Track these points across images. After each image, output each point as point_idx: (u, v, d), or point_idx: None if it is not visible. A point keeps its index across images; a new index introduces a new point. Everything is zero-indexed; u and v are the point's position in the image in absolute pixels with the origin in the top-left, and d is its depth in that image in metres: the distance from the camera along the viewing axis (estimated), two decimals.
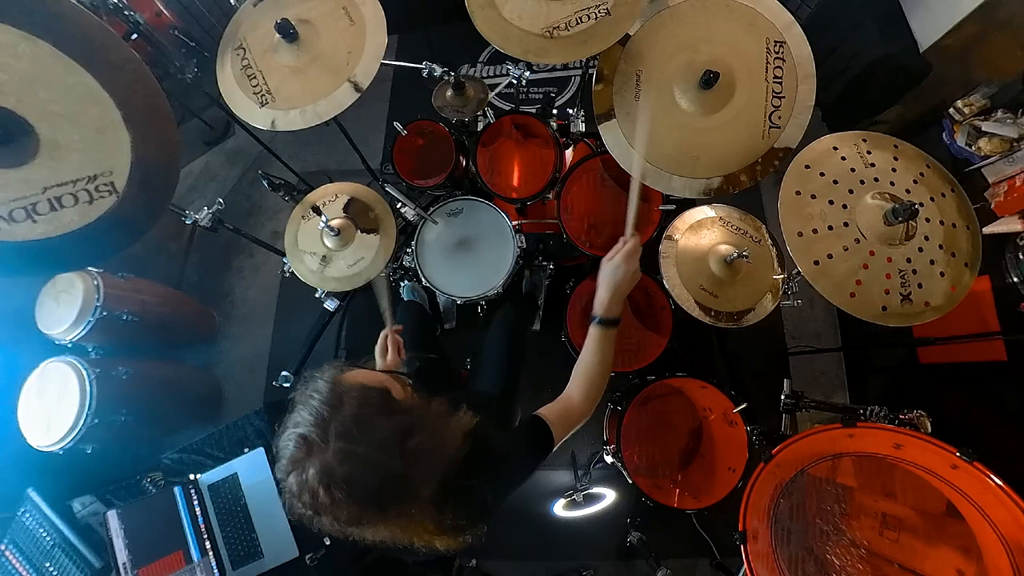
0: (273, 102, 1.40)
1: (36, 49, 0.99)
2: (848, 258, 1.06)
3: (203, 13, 2.47)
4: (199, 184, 2.70)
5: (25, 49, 0.97)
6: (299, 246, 1.65)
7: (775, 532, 1.15)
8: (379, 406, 0.75)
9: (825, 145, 1.15)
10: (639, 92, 1.27)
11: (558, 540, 2.08)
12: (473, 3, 1.26)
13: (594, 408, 1.01)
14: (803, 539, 1.15)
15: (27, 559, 1.55)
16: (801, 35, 1.20)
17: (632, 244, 1.00)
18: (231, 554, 1.55)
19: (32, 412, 1.71)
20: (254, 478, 1.63)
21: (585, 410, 0.99)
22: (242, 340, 2.49)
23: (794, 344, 2.08)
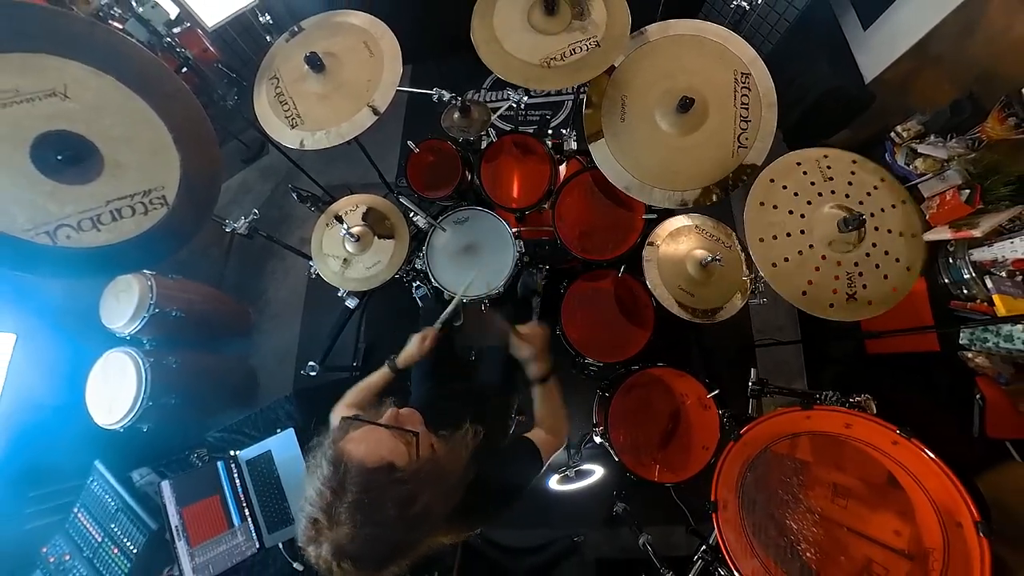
0: (302, 124, 1.43)
1: (101, 82, 1.02)
2: (804, 261, 1.09)
3: (243, 49, 2.51)
4: (237, 197, 2.74)
5: (92, 82, 1.01)
6: (323, 250, 1.69)
7: (742, 502, 1.17)
8: (383, 485, 0.70)
9: (790, 161, 1.18)
10: (624, 114, 1.30)
11: (553, 510, 2.11)
12: (478, 38, 1.29)
13: (567, 435, 1.06)
14: (766, 507, 1.17)
15: (96, 520, 1.60)
16: (764, 68, 1.23)
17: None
18: (267, 520, 1.59)
19: (97, 395, 1.76)
20: (285, 455, 1.66)
21: (559, 441, 1.04)
22: (274, 334, 2.52)
23: (760, 337, 2.11)
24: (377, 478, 0.70)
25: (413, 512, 0.71)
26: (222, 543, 1.54)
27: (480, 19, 1.31)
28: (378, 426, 0.77)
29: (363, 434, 0.76)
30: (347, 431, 0.77)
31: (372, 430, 0.77)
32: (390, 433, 0.77)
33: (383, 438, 0.76)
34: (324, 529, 0.68)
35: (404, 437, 0.77)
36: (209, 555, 1.51)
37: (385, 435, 0.76)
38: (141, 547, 1.55)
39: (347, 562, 0.67)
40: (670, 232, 1.63)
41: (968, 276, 1.52)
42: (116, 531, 1.57)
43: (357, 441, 0.74)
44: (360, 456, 0.71)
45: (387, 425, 0.78)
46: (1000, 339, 1.44)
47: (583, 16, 1.30)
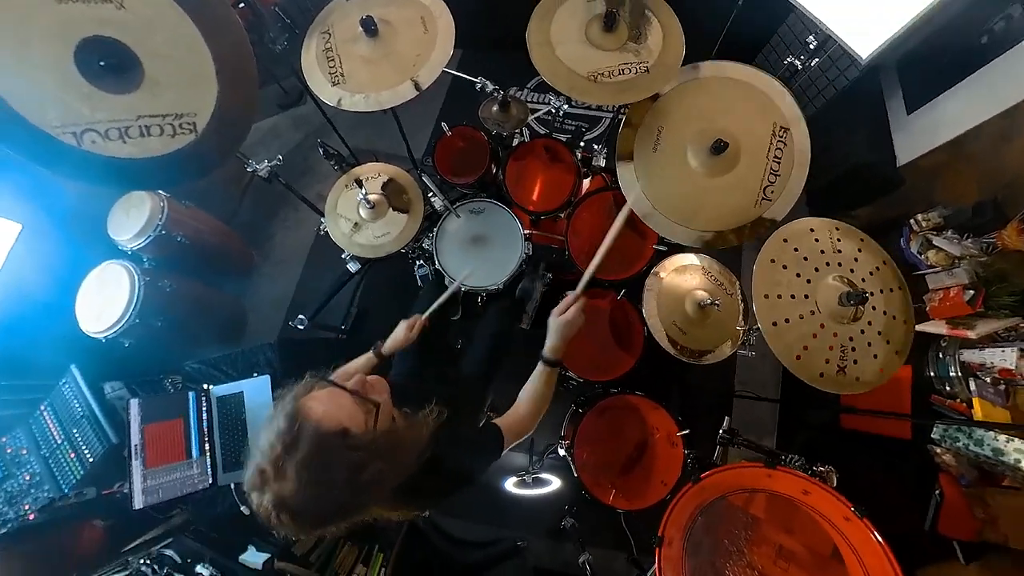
0: (343, 83, 1.43)
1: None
2: (801, 326, 1.09)
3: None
4: (265, 139, 2.73)
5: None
6: (337, 210, 1.69)
7: (688, 543, 1.17)
8: (334, 448, 0.70)
9: (804, 225, 1.17)
10: (658, 145, 1.30)
11: (503, 510, 2.11)
12: (533, 39, 1.28)
13: (536, 425, 1.04)
14: (710, 554, 1.18)
15: (60, 422, 1.59)
16: (804, 129, 1.23)
17: (583, 302, 1.04)
18: (224, 458, 1.59)
19: (88, 301, 1.75)
20: (257, 399, 1.67)
21: (529, 427, 1.03)
22: (272, 280, 2.52)
23: (740, 388, 2.11)
24: (330, 441, 0.70)
25: (360, 479, 0.71)
26: (176, 471, 1.54)
27: (539, 21, 1.31)
28: (343, 390, 0.77)
29: (326, 395, 0.76)
30: (311, 389, 0.78)
31: (336, 393, 0.77)
32: (353, 399, 0.77)
33: (344, 403, 0.76)
34: (270, 480, 0.68)
35: (365, 406, 0.77)
36: (161, 480, 1.51)
37: (347, 400, 0.76)
38: (98, 457, 1.55)
39: (286, 515, 0.68)
40: (676, 267, 1.63)
41: (954, 374, 1.52)
42: (77, 437, 1.57)
43: (318, 401, 0.75)
44: (317, 417, 0.71)
45: (351, 391, 0.78)
46: (971, 442, 1.45)
47: (639, 39, 1.29)
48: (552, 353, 1.04)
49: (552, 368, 1.05)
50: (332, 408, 0.74)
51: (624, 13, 1.29)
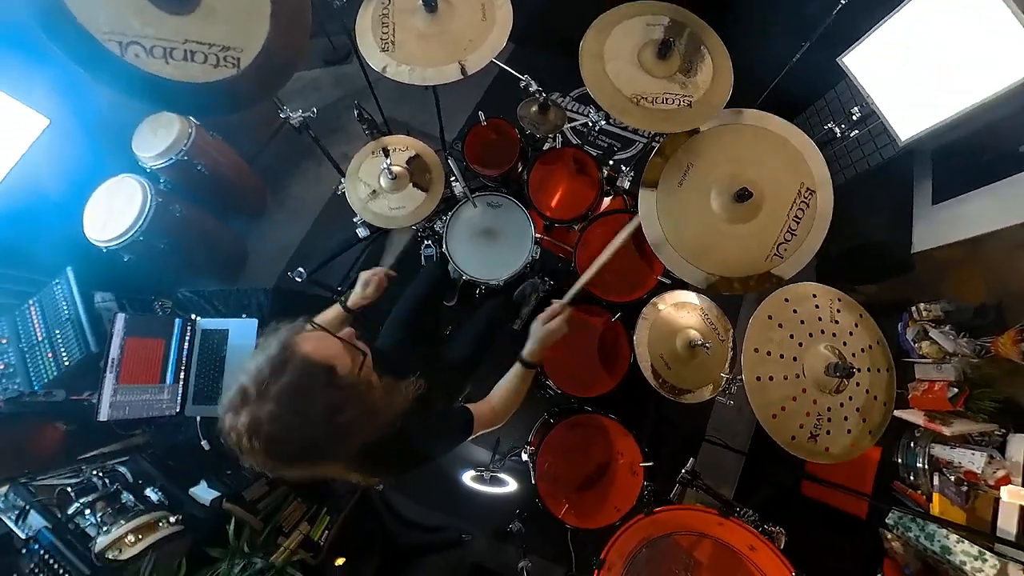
0: (392, 52, 1.42)
1: None
2: (784, 387, 1.09)
3: None
4: (304, 90, 2.72)
5: None
6: (359, 174, 1.68)
7: (627, 572, 1.18)
8: (318, 382, 0.72)
9: (808, 289, 1.17)
10: (684, 180, 1.29)
11: (456, 501, 2.12)
12: (586, 50, 1.28)
13: (505, 421, 1.06)
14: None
15: (44, 320, 1.60)
16: (831, 194, 1.22)
17: (568, 313, 1.06)
18: (196, 391, 1.59)
19: (97, 209, 1.75)
20: (240, 340, 1.66)
21: (498, 420, 1.04)
22: (280, 228, 2.52)
23: (711, 434, 2.11)
24: (316, 373, 0.73)
25: (337, 421, 0.72)
26: (147, 392, 1.54)
27: (596, 33, 1.30)
28: (333, 336, 0.80)
29: (317, 336, 0.79)
30: (302, 330, 0.80)
31: (326, 337, 0.80)
32: (341, 345, 0.80)
33: (333, 346, 0.79)
34: (251, 401, 0.69)
35: (353, 353, 0.80)
36: (131, 398, 1.51)
37: (336, 344, 0.79)
38: (74, 362, 1.55)
39: (258, 440, 0.68)
40: (676, 302, 1.63)
41: (921, 465, 1.53)
42: (58, 338, 1.57)
43: (309, 339, 0.77)
44: (308, 349, 0.74)
45: (341, 337, 0.80)
46: (923, 534, 1.45)
47: (689, 72, 1.29)
48: (530, 356, 1.06)
49: (528, 369, 1.07)
50: (322, 346, 0.77)
51: (680, 44, 1.29)
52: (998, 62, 1.28)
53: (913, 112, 1.44)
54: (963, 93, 1.32)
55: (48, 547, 1.22)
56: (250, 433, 0.68)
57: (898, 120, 1.46)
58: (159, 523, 1.39)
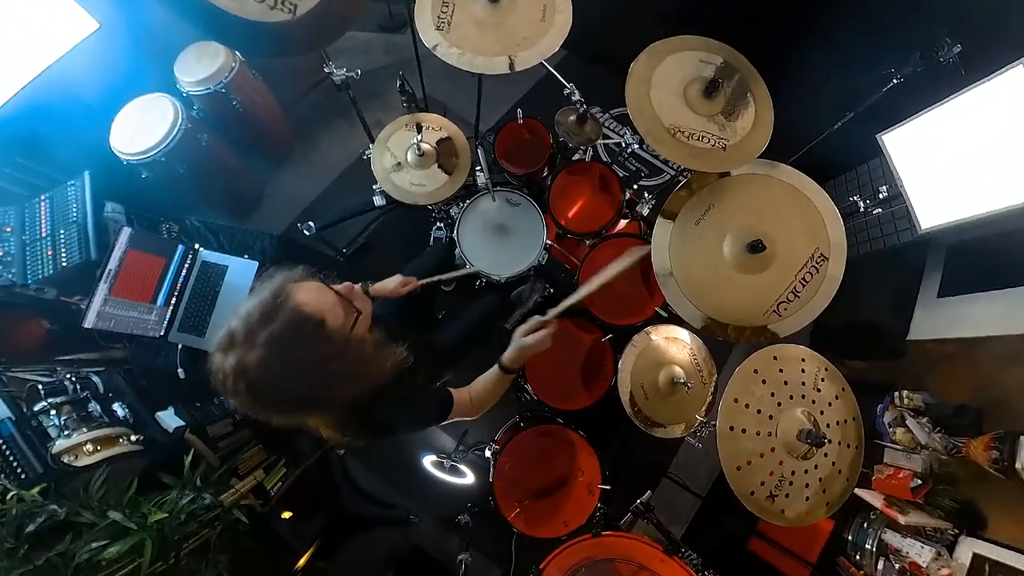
0: (446, 32, 1.42)
1: None
2: (754, 442, 1.09)
3: None
4: (353, 50, 2.72)
5: None
6: (388, 144, 1.68)
7: None
8: (307, 333, 0.72)
9: (798, 353, 1.17)
10: (702, 219, 1.29)
11: (412, 482, 2.12)
12: (635, 72, 1.28)
13: (478, 416, 1.07)
14: None
15: (52, 217, 1.60)
16: (842, 265, 1.22)
17: (553, 327, 1.06)
18: (184, 319, 1.59)
19: (127, 121, 1.75)
20: (237, 280, 1.66)
21: (472, 412, 1.05)
22: (300, 179, 2.52)
23: (673, 472, 2.11)
24: (306, 324, 0.72)
25: (323, 373, 0.72)
26: (136, 310, 1.54)
27: (648, 58, 1.30)
28: (329, 288, 0.79)
29: (314, 287, 0.78)
30: (300, 279, 0.79)
31: (323, 289, 0.78)
32: (337, 299, 0.78)
33: (329, 299, 0.77)
34: (238, 344, 0.69)
35: (348, 309, 0.79)
36: (119, 311, 1.51)
37: (332, 298, 0.78)
38: (72, 265, 1.55)
39: (242, 383, 0.69)
40: (668, 336, 1.63)
41: (869, 547, 1.53)
42: (62, 238, 1.57)
43: (305, 289, 0.76)
44: (301, 300, 0.73)
45: (338, 292, 0.79)
46: None
47: (730, 116, 1.29)
48: (508, 362, 1.06)
49: (505, 375, 1.07)
50: (316, 298, 0.75)
51: (728, 86, 1.28)
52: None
53: (939, 203, 1.43)
54: (993, 195, 1.32)
55: (7, 438, 1.22)
56: (236, 376, 0.69)
57: (923, 208, 1.46)
58: (120, 439, 1.39)
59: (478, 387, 1.09)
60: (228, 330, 0.71)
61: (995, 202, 1.33)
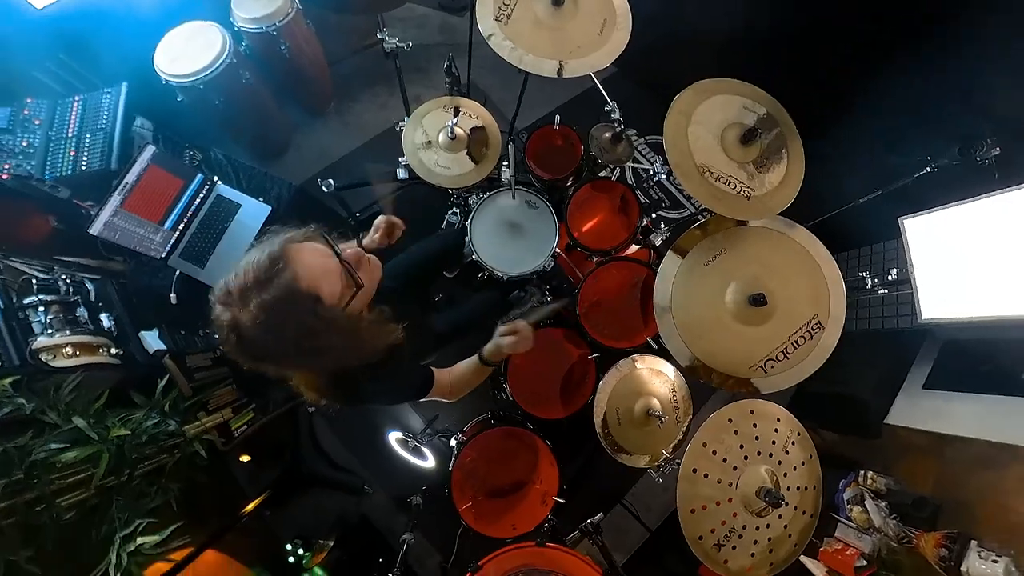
0: (504, 24, 1.42)
1: None
2: (713, 489, 1.09)
3: None
4: (409, 22, 2.71)
5: None
6: (422, 120, 1.68)
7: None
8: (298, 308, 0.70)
9: (775, 412, 1.17)
10: (712, 262, 1.29)
11: (373, 453, 2.13)
12: (678, 104, 1.28)
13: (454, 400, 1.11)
14: None
15: (82, 120, 1.60)
16: (837, 336, 1.22)
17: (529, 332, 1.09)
18: (187, 247, 1.60)
19: (174, 42, 1.75)
20: (247, 219, 1.67)
21: (450, 396, 1.09)
22: (330, 135, 2.52)
23: (629, 500, 2.11)
24: (299, 299, 0.70)
25: (308, 345, 0.72)
26: (143, 228, 1.54)
27: (693, 94, 1.30)
28: (336, 256, 0.76)
29: (319, 253, 0.75)
30: (309, 238, 0.77)
31: (328, 256, 0.76)
32: (340, 270, 0.76)
33: (331, 269, 0.75)
34: (233, 303, 0.69)
35: (349, 281, 0.76)
36: (126, 225, 1.51)
37: (334, 267, 0.75)
38: (91, 170, 1.55)
39: (234, 337, 0.70)
40: (653, 367, 1.63)
41: None
42: (87, 142, 1.57)
43: (308, 255, 0.73)
44: (298, 272, 0.70)
45: (344, 261, 0.76)
46: None
47: (761, 168, 1.29)
48: (487, 355, 1.09)
49: (484, 366, 1.10)
50: (317, 269, 0.73)
51: (765, 138, 1.28)
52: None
53: (945, 297, 1.43)
54: (999, 302, 1.32)
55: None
56: (229, 329, 0.70)
57: (928, 298, 1.46)
58: (100, 349, 1.40)
59: (458, 372, 1.11)
60: (226, 285, 0.71)
61: (999, 308, 1.33)
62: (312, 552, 1.92)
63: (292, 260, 0.71)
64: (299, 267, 0.71)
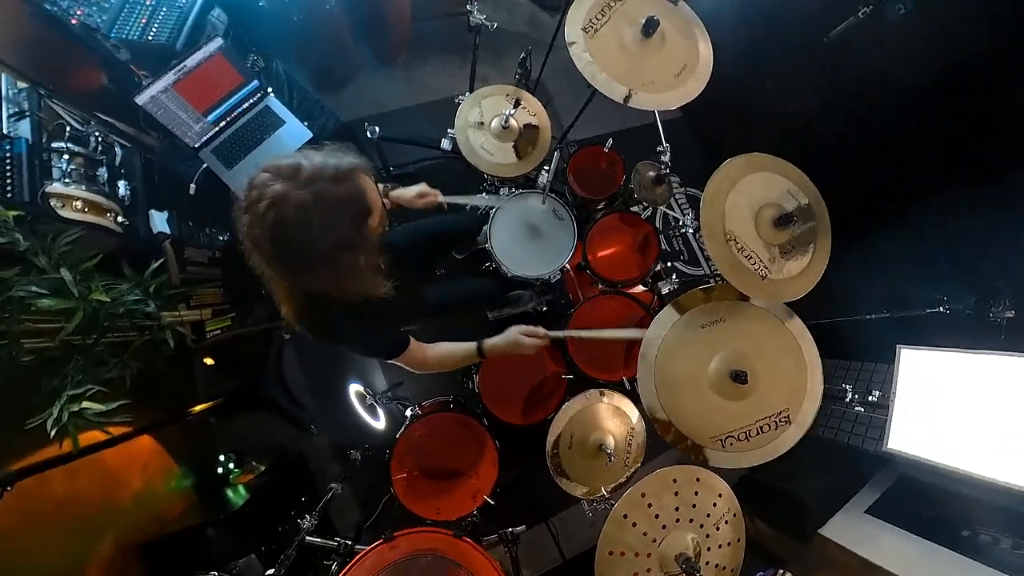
0: (589, 36, 1.41)
1: None
2: (638, 539, 1.09)
3: None
4: (500, 5, 2.72)
5: None
6: (482, 101, 1.69)
7: (404, 562, 1.19)
8: (352, 213, 0.76)
9: (719, 486, 1.17)
10: (707, 328, 1.29)
11: (330, 397, 2.14)
12: (727, 167, 1.27)
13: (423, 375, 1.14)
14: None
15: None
16: (800, 435, 1.22)
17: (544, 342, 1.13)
18: (220, 145, 1.61)
19: None
20: (285, 138, 1.68)
21: (421, 369, 1.11)
22: (391, 85, 2.52)
23: (554, 523, 2.12)
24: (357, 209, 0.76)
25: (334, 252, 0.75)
26: (186, 112, 1.54)
27: (744, 163, 1.29)
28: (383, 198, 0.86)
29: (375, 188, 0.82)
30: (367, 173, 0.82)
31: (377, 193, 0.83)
32: (383, 207, 0.84)
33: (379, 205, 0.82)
34: (296, 180, 0.71)
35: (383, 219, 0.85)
36: (171, 105, 1.52)
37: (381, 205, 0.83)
38: (156, 43, 1.56)
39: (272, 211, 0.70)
40: (618, 406, 1.63)
41: None
42: (161, 14, 1.59)
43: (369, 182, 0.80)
44: (366, 186, 0.77)
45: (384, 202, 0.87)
46: None
47: (784, 253, 1.28)
48: (489, 349, 1.11)
49: (479, 356, 1.12)
50: (375, 197, 0.80)
51: (798, 228, 1.28)
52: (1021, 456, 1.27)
53: (916, 434, 1.43)
54: (967, 457, 1.32)
55: (15, 156, 1.23)
56: (272, 201, 0.70)
57: (899, 429, 1.46)
58: (108, 213, 1.40)
59: (439, 351, 1.12)
60: (297, 163, 0.73)
61: (963, 463, 1.33)
62: (242, 470, 1.93)
63: (362, 179, 0.77)
64: (365, 183, 0.78)
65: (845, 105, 2.00)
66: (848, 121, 2.03)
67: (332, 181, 0.72)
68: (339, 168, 0.74)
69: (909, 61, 1.68)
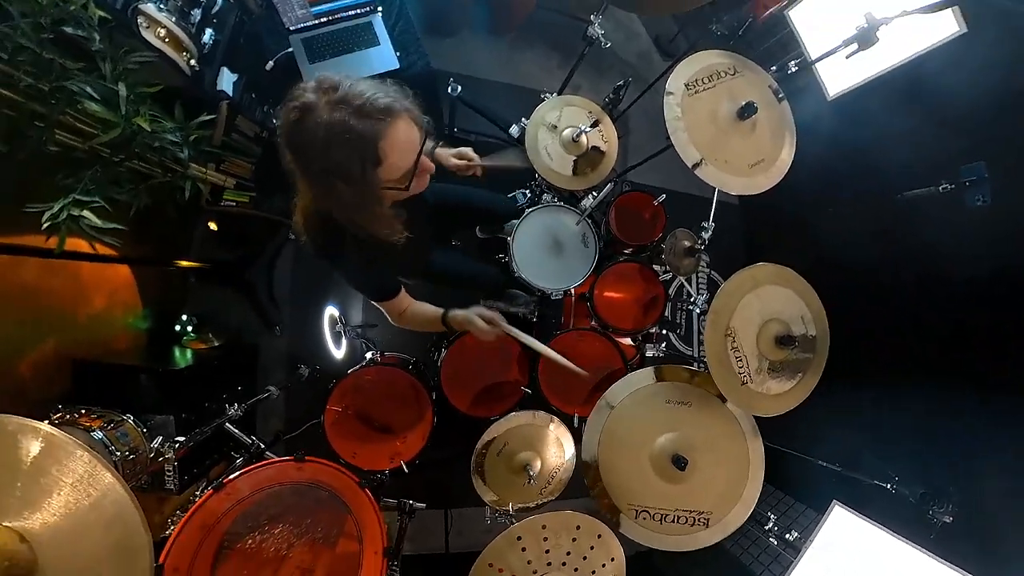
0: (686, 96, 1.40)
1: None
2: (520, 564, 1.10)
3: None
4: (623, 28, 2.73)
5: None
6: (565, 106, 1.70)
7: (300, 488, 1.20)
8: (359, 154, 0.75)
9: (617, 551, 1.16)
10: (673, 405, 1.29)
11: (305, 310, 2.16)
12: (756, 269, 1.26)
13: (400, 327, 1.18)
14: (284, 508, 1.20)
15: None
16: (710, 542, 1.22)
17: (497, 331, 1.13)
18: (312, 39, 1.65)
19: None
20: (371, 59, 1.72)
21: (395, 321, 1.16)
22: (491, 55, 2.53)
23: (453, 514, 2.13)
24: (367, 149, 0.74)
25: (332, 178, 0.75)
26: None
27: (775, 271, 1.29)
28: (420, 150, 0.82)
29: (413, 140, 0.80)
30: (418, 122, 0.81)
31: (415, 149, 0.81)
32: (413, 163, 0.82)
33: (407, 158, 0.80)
34: (332, 97, 0.72)
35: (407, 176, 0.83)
36: None
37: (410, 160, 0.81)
38: None
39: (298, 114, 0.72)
40: (560, 439, 1.62)
41: None
42: None
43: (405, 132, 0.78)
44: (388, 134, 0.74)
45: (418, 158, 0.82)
46: None
47: (772, 372, 1.28)
48: (450, 318, 1.14)
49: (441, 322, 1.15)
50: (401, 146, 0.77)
51: (796, 353, 1.28)
52: None
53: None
54: None
55: None
56: (302, 107, 0.72)
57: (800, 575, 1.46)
58: (184, 52, 1.42)
59: (416, 308, 1.15)
60: (338, 81, 0.73)
61: None
62: (197, 336, 1.94)
63: (394, 123, 0.75)
64: (393, 132, 0.75)
65: (891, 263, 2.00)
66: (886, 278, 2.02)
67: (355, 113, 0.71)
68: (370, 104, 0.72)
69: (969, 251, 1.68)
